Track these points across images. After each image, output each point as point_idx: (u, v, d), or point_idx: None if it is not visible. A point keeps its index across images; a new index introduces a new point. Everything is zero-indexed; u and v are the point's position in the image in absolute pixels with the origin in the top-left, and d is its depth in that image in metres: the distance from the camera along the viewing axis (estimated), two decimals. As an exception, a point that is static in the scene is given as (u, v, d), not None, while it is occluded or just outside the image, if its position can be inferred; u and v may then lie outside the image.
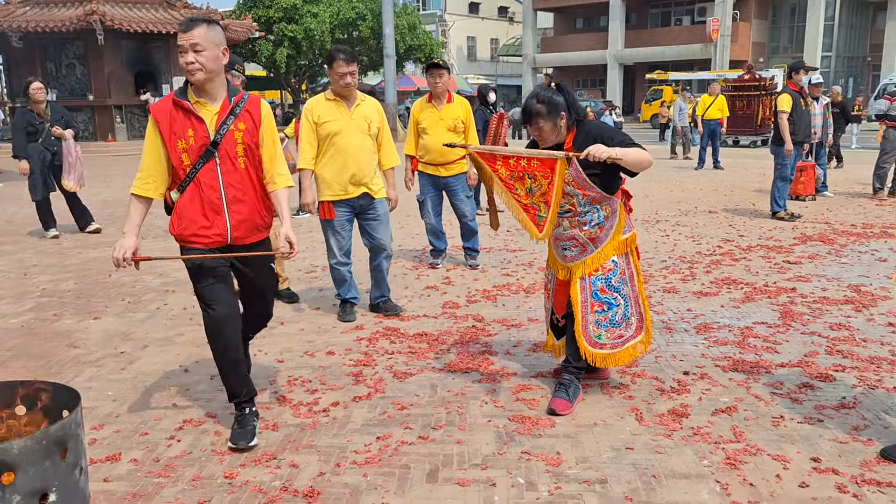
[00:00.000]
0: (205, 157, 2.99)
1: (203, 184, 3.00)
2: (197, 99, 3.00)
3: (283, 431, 3.26)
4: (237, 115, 3.02)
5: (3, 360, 4.23)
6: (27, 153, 7.76)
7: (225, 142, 3.00)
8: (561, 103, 3.31)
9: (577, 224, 3.37)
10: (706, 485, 2.74)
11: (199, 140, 2.97)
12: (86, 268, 6.63)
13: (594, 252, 3.39)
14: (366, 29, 30.76)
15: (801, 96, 8.54)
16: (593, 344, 3.42)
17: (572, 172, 3.24)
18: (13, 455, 1.81)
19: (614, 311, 3.42)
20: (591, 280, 3.40)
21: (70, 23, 20.27)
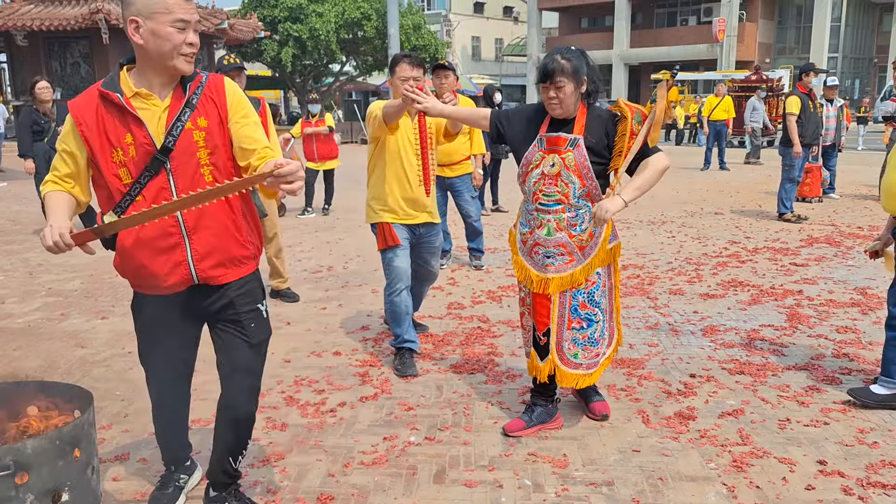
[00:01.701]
0: (152, 170, 2.14)
1: (155, 203, 2.10)
2: (137, 90, 2.14)
3: (290, 431, 3.27)
4: (195, 108, 2.17)
5: (11, 360, 4.26)
6: (33, 152, 7.79)
7: (181, 146, 2.14)
8: (584, 68, 2.94)
9: (567, 227, 2.97)
10: (713, 487, 2.74)
11: (140, 149, 2.13)
12: (92, 267, 6.65)
13: (583, 263, 3.01)
14: (371, 29, 30.76)
15: (809, 98, 8.53)
16: (567, 363, 3.08)
17: (576, 156, 2.92)
18: (27, 455, 1.83)
19: (594, 328, 3.08)
20: (571, 294, 3.04)
21: (75, 21, 20.32)
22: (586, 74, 2.95)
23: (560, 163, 2.95)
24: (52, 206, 2.17)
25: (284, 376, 3.94)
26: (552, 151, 2.97)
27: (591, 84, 2.98)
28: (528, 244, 3.08)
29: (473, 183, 6.34)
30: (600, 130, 2.96)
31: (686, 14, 41.51)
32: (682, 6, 41.51)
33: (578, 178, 2.94)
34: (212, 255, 2.24)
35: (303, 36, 29.90)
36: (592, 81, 2.99)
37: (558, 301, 3.05)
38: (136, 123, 2.12)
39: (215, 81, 2.23)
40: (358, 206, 10.29)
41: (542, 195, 2.99)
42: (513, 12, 54.75)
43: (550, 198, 2.98)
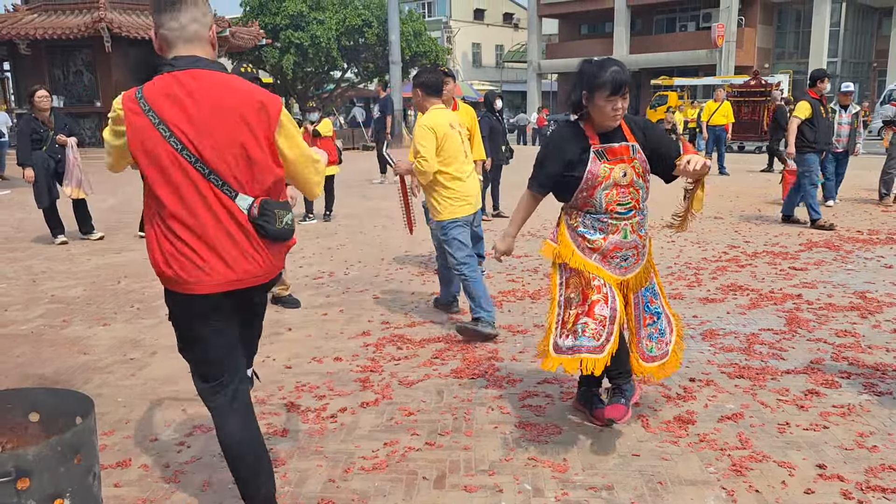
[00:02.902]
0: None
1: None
2: None
3: (291, 437, 3.28)
4: None
5: (14, 367, 4.27)
6: (31, 161, 7.81)
7: None
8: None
9: (637, 229, 3.09)
10: (712, 491, 2.75)
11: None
12: (95, 274, 6.68)
13: (645, 260, 3.18)
14: (371, 36, 30.87)
15: (821, 104, 8.43)
16: (647, 359, 3.21)
17: (640, 162, 3.04)
18: (28, 461, 1.84)
19: (661, 319, 3.25)
20: (642, 292, 3.19)
21: (78, 30, 20.40)
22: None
23: (631, 171, 3.03)
24: None
25: (285, 382, 3.95)
26: (618, 162, 3.01)
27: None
28: (602, 249, 3.06)
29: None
30: (640, 135, 3.08)
31: (685, 20, 41.59)
32: (681, 12, 41.59)
33: (644, 183, 3.09)
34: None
35: (304, 43, 30.01)
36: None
37: (633, 301, 3.16)
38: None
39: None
40: (359, 212, 10.33)
41: (616, 205, 3.04)
42: (513, 19, 54.92)
43: (625, 206, 3.05)
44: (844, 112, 9.74)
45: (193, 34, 2.26)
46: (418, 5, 49.98)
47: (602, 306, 3.01)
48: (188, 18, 2.24)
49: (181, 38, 2.26)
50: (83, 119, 21.71)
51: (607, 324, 2.99)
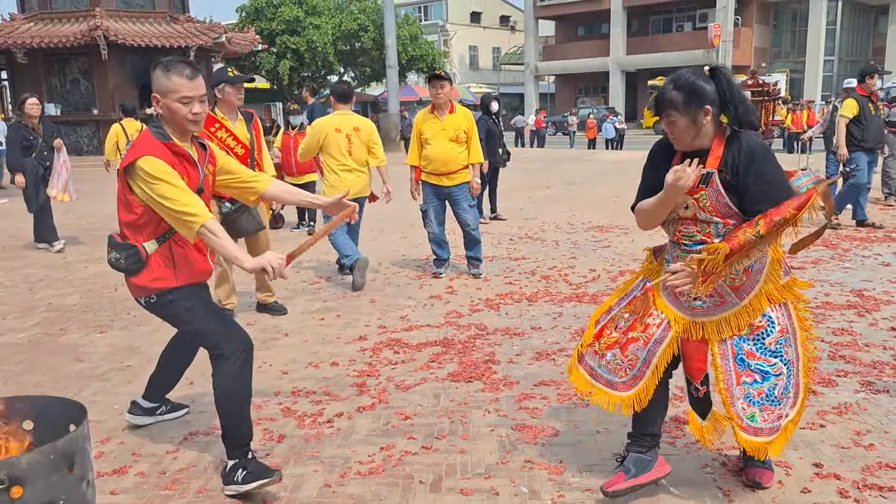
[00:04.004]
0: None
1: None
2: (181, 143, 2.85)
3: (287, 443, 3.28)
4: (208, 159, 2.97)
5: (11, 375, 4.27)
6: (22, 166, 7.82)
7: (206, 186, 2.93)
8: (707, 94, 2.48)
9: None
10: (708, 491, 2.75)
11: (190, 186, 2.79)
12: (91, 282, 6.68)
13: (738, 306, 2.55)
14: (368, 40, 30.90)
15: (870, 101, 8.17)
16: (745, 428, 2.57)
17: (710, 194, 2.50)
18: (21, 469, 1.84)
19: (771, 382, 2.55)
20: (734, 343, 2.57)
21: (74, 38, 20.42)
22: (712, 102, 2.48)
23: (694, 204, 2.53)
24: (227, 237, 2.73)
25: (282, 388, 3.95)
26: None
27: (726, 109, 2.50)
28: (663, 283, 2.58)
29: (471, 192, 6.36)
30: (732, 166, 2.48)
31: (681, 20, 41.68)
32: (677, 12, 41.69)
33: (720, 218, 2.51)
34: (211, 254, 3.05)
35: (300, 48, 30.04)
36: (729, 108, 2.50)
37: (719, 351, 2.58)
38: (192, 167, 2.84)
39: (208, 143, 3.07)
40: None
41: (682, 235, 2.62)
42: (509, 21, 55.01)
43: (691, 238, 2.58)
44: None
45: None
46: (414, 9, 50.09)
47: (638, 347, 2.64)
48: None
49: None
50: (80, 127, 21.74)
51: (638, 365, 2.64)
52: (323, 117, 6.28)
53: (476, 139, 6.31)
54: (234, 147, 4.96)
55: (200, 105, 2.77)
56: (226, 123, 4.99)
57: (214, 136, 4.90)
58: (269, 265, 2.63)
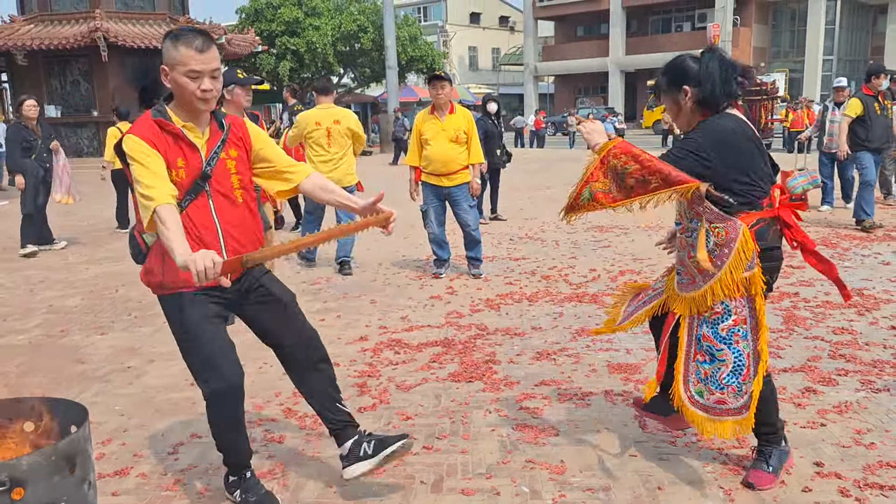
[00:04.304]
0: (193, 192, 2.50)
1: (196, 224, 2.50)
2: (184, 123, 2.50)
3: (288, 443, 3.28)
4: (226, 142, 2.58)
5: (12, 377, 4.27)
6: (23, 168, 7.82)
7: (217, 173, 2.54)
8: (686, 75, 2.62)
9: (687, 245, 2.67)
10: (710, 491, 2.75)
11: (190, 172, 2.48)
12: (92, 283, 6.68)
13: (701, 288, 2.63)
14: (367, 41, 30.89)
15: (876, 101, 7.99)
16: (692, 401, 2.70)
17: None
18: (22, 470, 1.84)
19: (716, 366, 2.64)
20: (697, 321, 2.68)
21: (74, 40, 20.44)
22: (689, 81, 2.62)
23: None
24: (176, 227, 2.32)
25: (283, 388, 3.95)
26: None
27: (701, 90, 2.61)
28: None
29: (471, 192, 6.36)
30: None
31: (680, 20, 41.68)
32: (676, 12, 41.69)
33: (684, 199, 2.59)
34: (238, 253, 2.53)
35: (300, 49, 30.04)
36: (700, 85, 2.61)
37: (686, 327, 2.71)
38: (190, 149, 2.49)
39: (238, 122, 2.68)
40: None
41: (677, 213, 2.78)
42: (509, 22, 55.02)
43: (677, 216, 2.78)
44: (837, 109, 9.08)
45: None
46: (414, 10, 50.13)
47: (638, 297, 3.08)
48: None
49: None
50: (80, 129, 21.77)
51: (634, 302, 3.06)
52: (307, 110, 6.93)
53: (476, 140, 6.31)
54: None
55: (211, 81, 2.43)
56: None
57: None
58: (194, 265, 2.17)
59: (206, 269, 2.17)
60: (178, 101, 2.51)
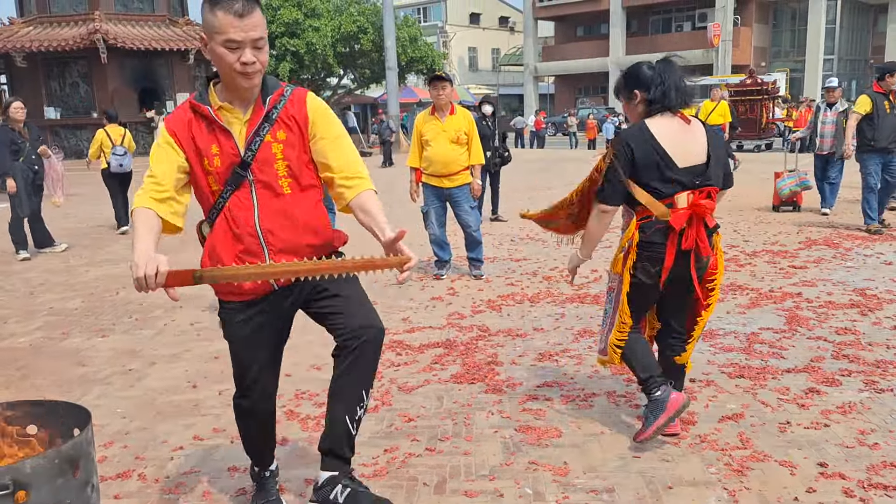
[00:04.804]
0: (233, 183, 2.21)
1: (235, 217, 2.23)
2: (221, 103, 2.21)
3: (291, 445, 3.28)
4: (274, 122, 2.21)
5: (13, 380, 4.27)
6: (12, 171, 7.76)
7: (260, 159, 2.20)
8: (638, 80, 2.99)
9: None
10: (713, 492, 2.74)
11: (225, 160, 2.20)
12: (93, 285, 6.67)
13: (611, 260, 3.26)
14: (367, 42, 30.90)
15: (887, 99, 7.77)
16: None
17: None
18: (26, 474, 1.83)
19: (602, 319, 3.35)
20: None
21: (73, 42, 20.46)
22: (639, 86, 3.00)
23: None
24: (143, 229, 2.12)
25: (285, 390, 3.93)
26: None
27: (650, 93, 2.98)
28: None
29: (472, 193, 6.36)
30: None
31: (680, 20, 41.70)
32: (676, 12, 41.71)
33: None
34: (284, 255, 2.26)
35: (300, 50, 30.05)
36: (648, 89, 2.98)
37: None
38: (223, 134, 2.20)
39: (298, 95, 2.27)
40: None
41: None
42: (508, 22, 55.04)
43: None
44: (829, 110, 9.03)
45: None
46: (413, 10, 50.16)
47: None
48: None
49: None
50: (80, 130, 21.77)
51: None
52: None
53: (477, 140, 6.31)
54: None
55: (254, 52, 2.08)
56: None
57: None
58: (133, 271, 1.97)
59: (145, 278, 1.96)
60: (220, 76, 2.21)
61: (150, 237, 2.10)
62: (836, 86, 9.26)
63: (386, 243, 2.13)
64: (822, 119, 9.06)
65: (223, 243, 2.25)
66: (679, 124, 2.99)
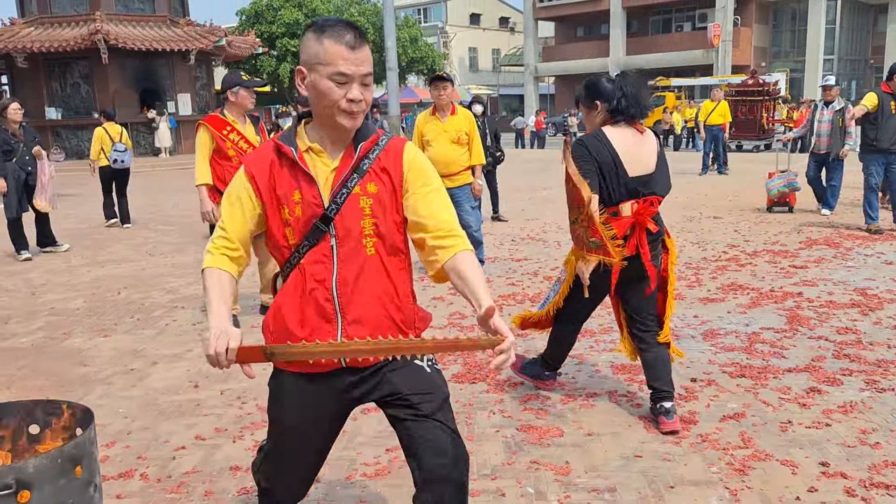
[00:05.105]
0: (313, 237, 1.89)
1: (309, 274, 1.90)
2: (310, 144, 1.91)
3: (293, 445, 3.27)
4: (364, 173, 1.91)
5: (15, 380, 4.27)
6: (5, 171, 7.74)
7: (346, 214, 1.89)
8: (600, 92, 3.26)
9: None
10: (715, 491, 2.74)
11: (307, 210, 1.88)
12: (94, 285, 6.68)
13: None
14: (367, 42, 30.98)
15: (894, 99, 7.63)
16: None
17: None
18: (29, 473, 1.84)
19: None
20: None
21: (74, 42, 20.47)
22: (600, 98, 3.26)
23: None
24: (215, 296, 1.87)
25: (286, 390, 3.94)
26: None
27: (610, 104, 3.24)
28: None
29: (473, 193, 6.36)
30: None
31: (681, 20, 41.69)
32: (676, 13, 41.70)
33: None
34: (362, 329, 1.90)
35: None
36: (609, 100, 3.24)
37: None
38: (306, 180, 1.89)
39: (395, 145, 1.97)
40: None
41: None
42: (509, 23, 55.04)
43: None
44: (826, 109, 8.95)
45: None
46: (414, 11, 50.18)
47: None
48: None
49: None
50: (81, 131, 21.78)
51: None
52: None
53: (478, 140, 6.31)
54: (247, 150, 4.97)
55: (361, 89, 1.84)
56: (236, 126, 5.00)
57: (227, 139, 4.91)
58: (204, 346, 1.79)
59: (216, 355, 1.75)
60: (315, 114, 1.91)
61: (225, 308, 1.85)
62: (834, 84, 9.18)
63: (480, 319, 1.76)
64: (819, 118, 9.00)
65: (291, 303, 1.92)
66: (633, 134, 3.24)
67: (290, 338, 1.89)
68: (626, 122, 3.23)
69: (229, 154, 4.93)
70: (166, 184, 16.48)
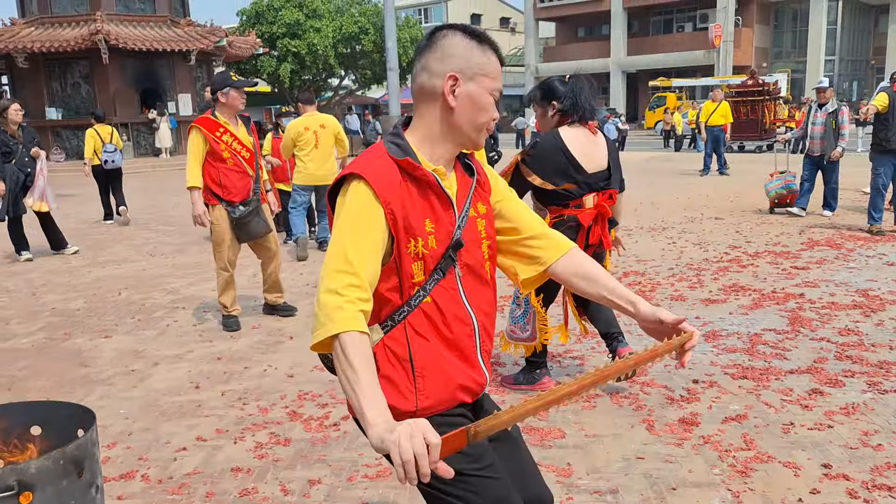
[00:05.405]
0: (442, 270, 1.60)
1: (447, 316, 1.60)
2: (435, 166, 1.61)
3: (294, 447, 3.27)
4: (474, 193, 1.69)
5: (16, 381, 4.27)
6: (3, 173, 7.72)
7: (468, 239, 1.63)
8: (554, 91, 3.51)
9: None
10: (717, 493, 2.74)
11: (442, 238, 1.59)
12: (95, 286, 6.67)
13: None
14: (368, 43, 30.94)
15: None
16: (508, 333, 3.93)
17: None
18: (30, 475, 1.83)
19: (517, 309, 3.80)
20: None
21: (75, 42, 20.48)
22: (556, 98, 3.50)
23: None
24: (369, 376, 1.42)
25: (288, 391, 3.94)
26: None
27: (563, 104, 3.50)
28: None
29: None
30: None
31: (682, 21, 41.67)
32: (677, 13, 41.69)
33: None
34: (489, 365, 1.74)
35: (301, 51, 30.08)
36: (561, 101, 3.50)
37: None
38: (443, 206, 1.60)
39: (477, 162, 1.76)
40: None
41: None
42: (510, 23, 55.04)
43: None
44: (820, 111, 8.89)
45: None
46: (415, 11, 50.18)
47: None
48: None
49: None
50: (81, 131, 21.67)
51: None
52: (295, 119, 7.68)
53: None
54: (241, 151, 4.96)
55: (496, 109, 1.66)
56: (228, 128, 4.99)
57: (221, 141, 4.89)
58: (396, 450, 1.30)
59: (415, 459, 1.28)
60: (442, 129, 1.62)
61: (381, 391, 1.44)
62: (827, 86, 9.14)
63: (669, 324, 1.60)
64: (812, 120, 8.95)
65: (425, 350, 1.58)
66: (586, 135, 3.51)
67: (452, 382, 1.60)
68: (578, 122, 3.50)
69: (224, 156, 4.91)
70: (167, 184, 16.48)
